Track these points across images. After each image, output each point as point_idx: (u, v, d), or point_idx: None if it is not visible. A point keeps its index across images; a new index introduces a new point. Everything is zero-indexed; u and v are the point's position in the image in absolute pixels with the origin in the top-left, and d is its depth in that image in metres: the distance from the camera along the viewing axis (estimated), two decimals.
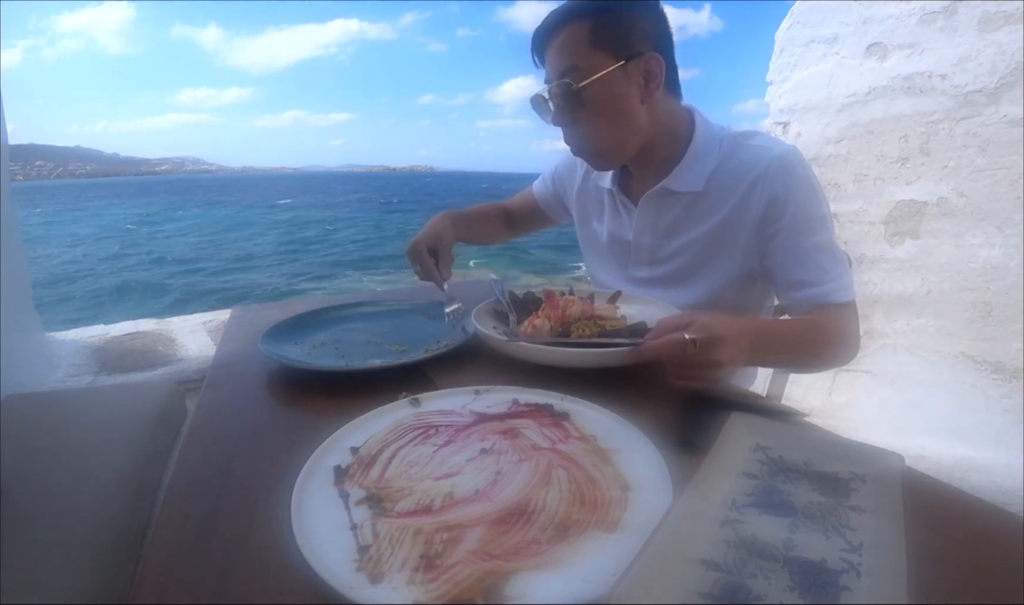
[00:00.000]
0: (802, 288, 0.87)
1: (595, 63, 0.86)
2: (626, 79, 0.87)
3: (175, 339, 2.02)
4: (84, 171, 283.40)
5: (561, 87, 0.88)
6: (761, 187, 0.87)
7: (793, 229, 0.86)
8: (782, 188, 0.86)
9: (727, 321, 0.66)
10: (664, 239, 0.99)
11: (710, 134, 0.95)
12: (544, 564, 0.41)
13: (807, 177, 0.87)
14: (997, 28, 1.67)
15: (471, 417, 0.63)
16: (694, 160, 0.94)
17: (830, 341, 0.84)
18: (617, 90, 0.87)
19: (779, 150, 0.88)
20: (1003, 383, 1.75)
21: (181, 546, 0.46)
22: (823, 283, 0.85)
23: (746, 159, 0.90)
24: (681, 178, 0.94)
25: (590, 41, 0.85)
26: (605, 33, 0.85)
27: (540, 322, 0.82)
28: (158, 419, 1.25)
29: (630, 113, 0.89)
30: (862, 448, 0.52)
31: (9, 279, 1.56)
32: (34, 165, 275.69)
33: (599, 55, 0.86)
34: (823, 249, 0.86)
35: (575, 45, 0.86)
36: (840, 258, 0.89)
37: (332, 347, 0.88)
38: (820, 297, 0.85)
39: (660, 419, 0.62)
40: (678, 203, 0.96)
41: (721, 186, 0.92)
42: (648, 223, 1.00)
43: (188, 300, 14.10)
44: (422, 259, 1.03)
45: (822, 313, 0.85)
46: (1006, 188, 1.69)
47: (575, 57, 0.86)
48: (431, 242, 1.05)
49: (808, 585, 0.37)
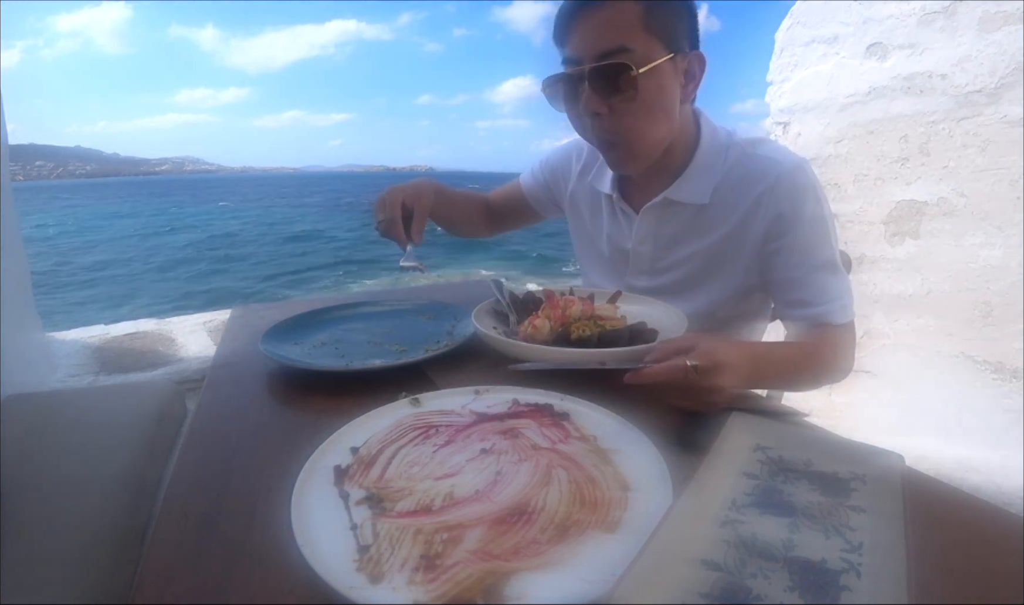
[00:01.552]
0: (801, 307, 0.85)
1: (649, 50, 0.78)
2: (674, 74, 0.81)
3: (175, 339, 2.03)
4: (84, 171, 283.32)
5: (615, 68, 0.77)
6: (768, 202, 0.84)
7: (796, 249, 0.84)
8: (789, 207, 0.83)
9: (728, 347, 0.65)
10: (665, 250, 0.96)
11: (716, 142, 0.90)
12: (544, 564, 0.41)
13: (815, 195, 0.84)
14: (997, 28, 1.67)
15: (471, 417, 0.63)
16: (699, 170, 0.89)
17: (826, 364, 0.84)
18: (667, 83, 0.80)
19: (787, 164, 0.84)
20: (1003, 383, 1.75)
21: (181, 546, 0.46)
22: (822, 303, 0.84)
23: (753, 171, 0.86)
24: (685, 189, 0.90)
25: (644, 23, 0.77)
26: (658, 19, 0.78)
27: (540, 322, 0.82)
28: (158, 419, 1.25)
29: (672, 111, 0.83)
30: (862, 448, 0.52)
31: (9, 279, 1.56)
32: (34, 165, 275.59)
33: (652, 41, 0.78)
34: (825, 268, 0.84)
35: (628, 25, 0.77)
36: (842, 276, 0.86)
37: (332, 347, 0.88)
38: (819, 317, 0.84)
39: (660, 419, 0.62)
40: (681, 214, 0.92)
41: (726, 199, 0.88)
42: (649, 233, 0.96)
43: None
44: (394, 210, 0.93)
45: (819, 334, 0.84)
46: (1006, 188, 1.69)
47: (627, 38, 0.77)
48: (410, 197, 0.96)
49: (808, 585, 0.37)
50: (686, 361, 0.61)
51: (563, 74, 0.83)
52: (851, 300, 0.86)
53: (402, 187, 0.97)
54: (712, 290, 0.93)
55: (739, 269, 0.90)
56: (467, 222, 1.19)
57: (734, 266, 0.90)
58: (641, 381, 0.62)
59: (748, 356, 0.69)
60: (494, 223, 1.26)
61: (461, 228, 1.18)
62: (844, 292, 0.86)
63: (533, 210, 1.22)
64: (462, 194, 1.18)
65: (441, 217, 1.10)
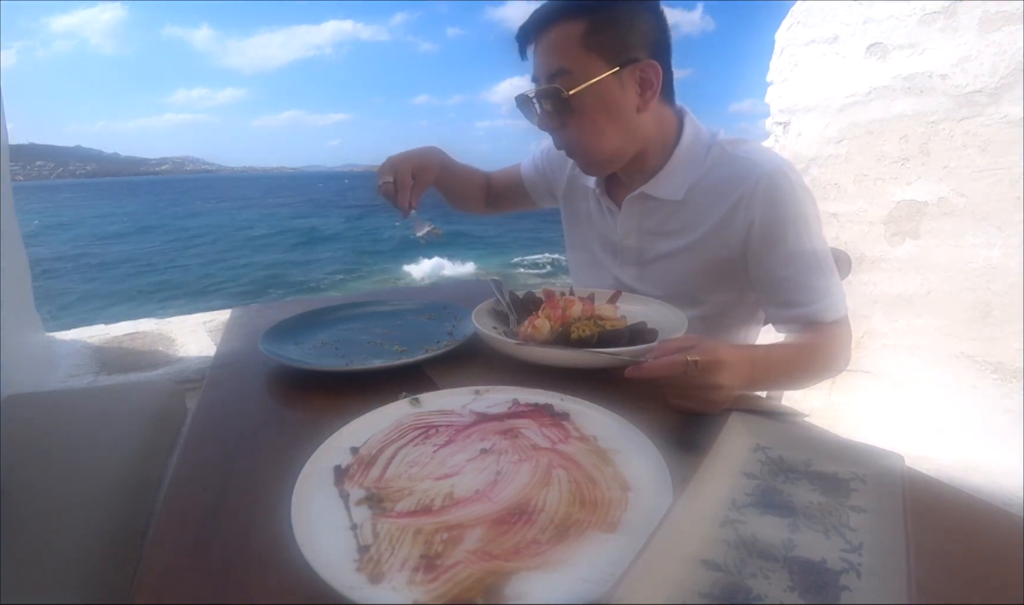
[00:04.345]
0: (791, 307, 0.85)
1: (588, 68, 0.81)
2: (620, 87, 0.83)
3: (175, 339, 2.03)
4: (84, 171, 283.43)
5: (550, 92, 0.83)
6: (747, 206, 0.84)
7: (781, 250, 0.84)
8: (770, 210, 0.83)
9: (728, 347, 0.65)
10: (649, 243, 0.97)
11: (697, 141, 0.92)
12: (544, 564, 0.41)
13: (794, 196, 0.84)
14: (997, 28, 1.67)
15: (471, 417, 0.63)
16: (677, 168, 0.91)
17: (823, 362, 0.84)
18: (611, 98, 0.83)
19: (767, 167, 0.84)
20: (1003, 383, 1.75)
21: (181, 546, 0.46)
22: (812, 303, 0.84)
23: (732, 173, 0.87)
24: (661, 185, 0.92)
25: (584, 43, 0.80)
26: (601, 35, 0.81)
27: (540, 322, 0.82)
28: (158, 419, 1.25)
29: (624, 122, 0.86)
30: (862, 448, 0.52)
31: (9, 279, 1.56)
32: (34, 165, 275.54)
33: (592, 59, 0.81)
34: (812, 267, 0.84)
35: (567, 46, 0.81)
36: (830, 273, 0.86)
37: (332, 347, 0.88)
38: (810, 316, 0.84)
39: (660, 419, 0.62)
40: (661, 209, 0.94)
41: (705, 198, 0.89)
42: (632, 227, 0.98)
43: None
44: (403, 176, 0.96)
45: (814, 333, 0.84)
46: (1006, 188, 1.69)
47: (566, 59, 0.81)
48: (418, 167, 0.99)
49: (808, 585, 0.37)
50: (686, 357, 0.61)
51: (522, 95, 0.89)
52: (842, 296, 0.86)
53: (410, 155, 1.00)
54: (702, 289, 0.94)
55: (724, 268, 0.91)
56: (467, 197, 1.22)
57: (719, 265, 0.91)
58: (642, 376, 0.63)
59: (747, 358, 0.69)
60: (492, 203, 1.28)
61: (459, 202, 1.21)
62: (834, 289, 0.85)
63: (529, 196, 1.24)
64: (465, 169, 1.20)
65: (444, 188, 1.13)
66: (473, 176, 1.23)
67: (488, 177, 1.27)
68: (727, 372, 0.63)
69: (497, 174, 1.28)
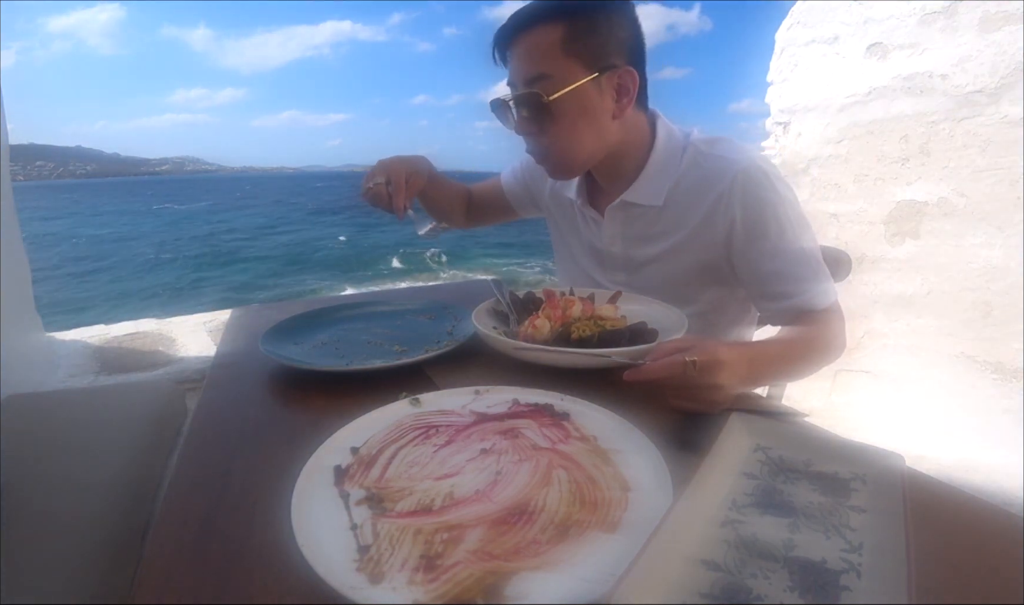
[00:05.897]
0: (782, 300, 0.86)
1: (567, 73, 0.80)
2: (599, 93, 0.83)
3: (175, 339, 2.03)
4: (84, 171, 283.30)
5: (529, 97, 0.83)
6: (726, 205, 0.85)
7: (763, 246, 0.84)
8: (748, 206, 0.84)
9: (726, 346, 0.65)
10: (635, 249, 0.98)
11: (671, 144, 0.92)
12: (544, 564, 0.41)
13: (772, 189, 0.84)
14: (997, 28, 1.67)
15: (471, 417, 0.63)
16: (654, 172, 0.91)
17: (820, 349, 0.84)
18: (589, 104, 0.83)
19: (742, 164, 0.85)
20: (1003, 383, 1.75)
21: (181, 546, 0.46)
22: (801, 293, 0.84)
23: (708, 173, 0.87)
24: (640, 191, 0.92)
25: (563, 48, 0.80)
26: (580, 41, 0.80)
27: (540, 322, 0.82)
28: (158, 419, 1.25)
29: (599, 128, 0.86)
30: (862, 448, 0.52)
31: (9, 279, 1.56)
32: (34, 165, 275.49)
33: (571, 64, 0.80)
34: (797, 258, 0.84)
35: (546, 51, 0.80)
36: (815, 261, 0.86)
37: (332, 347, 0.88)
38: (802, 306, 0.85)
39: (660, 419, 0.62)
40: (643, 215, 0.94)
41: (685, 200, 0.89)
42: (616, 234, 0.98)
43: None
44: (398, 177, 0.96)
45: (808, 322, 0.84)
46: (1006, 188, 1.69)
47: (545, 64, 0.81)
48: (410, 174, 0.99)
49: (808, 585, 0.37)
50: (685, 357, 0.61)
51: (498, 100, 0.89)
52: (829, 284, 0.87)
53: (403, 160, 1.01)
54: (692, 288, 0.94)
55: (712, 267, 0.91)
56: (449, 210, 1.23)
57: (707, 265, 0.91)
58: (640, 378, 0.63)
59: (746, 356, 0.69)
60: (472, 216, 1.29)
61: (441, 214, 1.22)
62: (821, 276, 0.86)
63: (511, 207, 1.25)
64: (449, 183, 1.22)
65: (428, 198, 1.14)
66: (456, 190, 1.25)
67: (469, 191, 1.29)
68: (726, 371, 0.63)
69: (478, 188, 1.29)
